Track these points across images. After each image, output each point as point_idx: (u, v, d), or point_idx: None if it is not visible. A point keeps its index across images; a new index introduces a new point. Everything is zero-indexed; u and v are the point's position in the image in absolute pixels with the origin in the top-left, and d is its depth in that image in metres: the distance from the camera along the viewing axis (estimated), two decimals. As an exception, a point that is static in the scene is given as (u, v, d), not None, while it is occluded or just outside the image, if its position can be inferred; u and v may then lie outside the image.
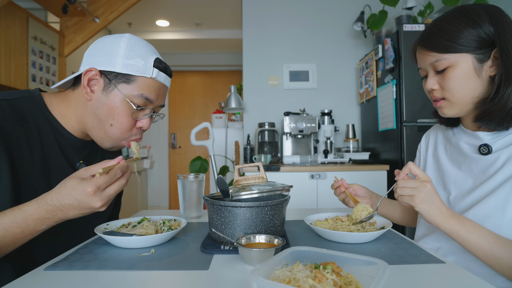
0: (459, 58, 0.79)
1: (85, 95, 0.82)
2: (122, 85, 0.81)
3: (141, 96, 0.82)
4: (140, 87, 0.82)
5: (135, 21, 4.50)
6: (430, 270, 0.63)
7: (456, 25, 0.79)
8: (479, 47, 0.77)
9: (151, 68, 0.82)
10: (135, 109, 0.83)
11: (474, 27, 0.77)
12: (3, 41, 2.88)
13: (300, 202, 2.36)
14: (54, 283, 0.58)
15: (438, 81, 0.84)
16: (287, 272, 0.48)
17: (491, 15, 0.77)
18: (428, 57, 0.83)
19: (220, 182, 0.81)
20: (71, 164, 0.88)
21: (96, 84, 0.81)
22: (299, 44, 3.13)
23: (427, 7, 2.51)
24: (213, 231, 0.77)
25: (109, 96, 0.81)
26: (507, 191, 0.77)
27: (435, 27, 0.83)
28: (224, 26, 4.72)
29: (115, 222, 0.88)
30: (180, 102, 5.71)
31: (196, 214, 1.10)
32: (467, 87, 0.80)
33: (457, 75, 0.80)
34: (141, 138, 0.90)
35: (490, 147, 0.83)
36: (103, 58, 0.81)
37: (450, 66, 0.80)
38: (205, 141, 1.59)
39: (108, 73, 0.81)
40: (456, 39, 0.78)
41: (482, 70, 0.79)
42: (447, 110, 0.85)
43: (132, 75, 0.81)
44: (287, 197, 0.82)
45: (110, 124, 0.83)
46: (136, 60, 0.81)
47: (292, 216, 1.11)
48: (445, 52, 0.80)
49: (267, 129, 2.78)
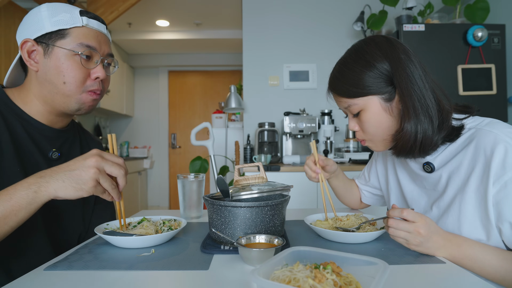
0: (366, 101, 0.80)
1: (32, 68, 0.83)
2: (60, 42, 0.82)
3: (81, 44, 0.83)
4: (76, 37, 0.83)
5: (135, 21, 4.50)
6: (430, 270, 0.63)
7: (354, 69, 0.80)
8: (382, 87, 0.78)
9: (79, 18, 0.83)
10: (82, 58, 0.83)
11: (370, 69, 0.78)
12: (3, 41, 2.88)
13: (300, 202, 2.36)
14: (54, 283, 0.58)
15: (357, 123, 0.86)
16: (287, 272, 0.48)
17: (383, 51, 0.78)
18: (341, 102, 0.86)
19: (220, 182, 0.81)
20: (43, 153, 0.87)
21: (36, 54, 0.83)
22: (299, 44, 3.13)
23: (427, 7, 2.52)
24: (213, 231, 0.77)
25: (52, 57, 0.82)
26: (457, 213, 0.77)
27: (338, 73, 0.84)
28: (224, 26, 4.72)
29: (115, 222, 0.88)
30: (180, 102, 5.71)
31: (196, 214, 1.10)
32: (382, 126, 0.82)
33: (370, 118, 0.81)
34: (100, 90, 0.89)
35: (432, 165, 0.83)
36: (31, 27, 0.82)
37: (362, 110, 0.82)
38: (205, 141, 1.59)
39: (42, 37, 0.82)
40: (357, 85, 0.79)
41: (392, 107, 0.80)
42: (373, 148, 0.88)
43: (63, 29, 0.82)
44: (287, 197, 0.82)
45: (63, 82, 0.83)
46: (62, 15, 0.82)
47: (292, 216, 1.11)
48: (352, 97, 0.81)
49: (267, 129, 2.78)
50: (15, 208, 0.64)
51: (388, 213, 0.72)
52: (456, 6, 2.38)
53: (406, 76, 0.76)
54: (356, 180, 1.22)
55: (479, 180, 0.74)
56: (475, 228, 0.74)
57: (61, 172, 0.68)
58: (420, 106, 0.76)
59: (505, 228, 0.70)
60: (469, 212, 0.75)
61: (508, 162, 0.69)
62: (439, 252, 0.69)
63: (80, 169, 0.67)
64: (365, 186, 1.17)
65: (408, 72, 0.76)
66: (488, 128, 0.75)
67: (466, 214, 0.76)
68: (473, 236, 0.74)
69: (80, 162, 0.68)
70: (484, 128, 0.75)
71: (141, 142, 5.57)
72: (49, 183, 0.66)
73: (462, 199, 0.76)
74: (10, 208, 0.64)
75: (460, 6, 2.39)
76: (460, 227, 0.76)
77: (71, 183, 0.67)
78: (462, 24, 2.24)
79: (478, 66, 2.23)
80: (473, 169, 0.75)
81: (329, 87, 0.88)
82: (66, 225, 0.92)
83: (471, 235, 0.74)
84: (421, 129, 0.76)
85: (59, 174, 0.67)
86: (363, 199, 1.19)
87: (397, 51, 0.78)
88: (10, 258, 0.79)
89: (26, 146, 0.84)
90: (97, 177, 0.68)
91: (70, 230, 0.94)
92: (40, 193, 0.66)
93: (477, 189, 0.74)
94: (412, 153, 0.79)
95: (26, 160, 0.83)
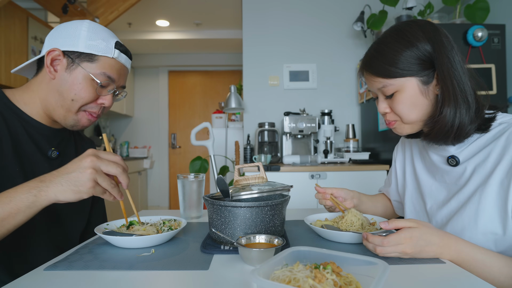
0: (404, 82, 0.79)
1: (49, 74, 0.84)
2: (85, 64, 0.84)
3: (104, 74, 0.85)
4: (102, 65, 0.85)
5: (135, 21, 4.50)
6: (430, 270, 0.63)
7: (395, 48, 0.78)
8: (421, 69, 0.77)
9: (112, 49, 0.86)
10: (98, 84, 0.85)
11: (412, 48, 0.77)
12: (3, 41, 2.88)
13: (300, 202, 2.36)
14: (54, 283, 0.58)
15: (389, 104, 0.84)
16: (287, 272, 0.48)
17: (426, 33, 0.77)
18: (375, 82, 0.83)
19: (220, 182, 0.81)
20: (42, 152, 0.89)
21: (59, 64, 0.84)
22: (299, 44, 3.13)
23: (427, 7, 2.51)
24: (213, 231, 0.77)
25: (72, 74, 0.84)
26: (476, 204, 0.77)
27: (376, 51, 0.82)
28: (224, 26, 4.72)
29: (115, 222, 0.88)
30: (180, 102, 5.71)
31: (196, 214, 1.10)
32: (416, 109, 0.80)
33: (405, 99, 0.80)
34: (99, 115, 0.92)
35: (457, 159, 0.83)
36: (66, 40, 0.84)
37: (397, 91, 0.80)
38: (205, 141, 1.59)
39: (71, 53, 0.84)
40: (397, 64, 0.78)
41: (428, 91, 0.79)
42: (400, 130, 0.86)
43: (94, 54, 0.84)
44: (287, 197, 0.82)
45: (71, 99, 0.85)
46: (98, 42, 0.85)
47: (292, 216, 1.11)
48: (389, 77, 0.79)
49: (267, 129, 2.78)
50: (14, 211, 0.64)
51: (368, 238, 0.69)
52: (456, 6, 2.38)
53: (448, 60, 0.75)
54: (383, 190, 1.20)
55: (504, 173, 0.74)
56: (492, 221, 0.74)
57: (60, 175, 0.67)
58: (460, 91, 0.75)
59: None
60: (489, 204, 0.75)
61: None
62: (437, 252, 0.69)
63: (77, 171, 0.67)
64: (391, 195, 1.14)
65: (450, 56, 0.76)
66: None
67: (486, 206, 0.75)
68: (489, 230, 0.74)
69: (77, 164, 0.68)
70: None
71: (141, 142, 5.57)
72: (49, 188, 0.66)
73: (484, 191, 0.76)
74: (8, 211, 0.64)
75: (460, 6, 2.39)
76: (476, 219, 0.76)
77: (69, 186, 0.66)
78: (462, 24, 2.24)
79: (478, 66, 2.22)
80: (500, 161, 0.75)
81: (363, 66, 0.85)
82: (67, 223, 0.93)
83: (487, 228, 0.74)
84: (459, 115, 0.75)
85: (57, 178, 0.67)
86: (396, 211, 1.15)
87: (440, 34, 0.77)
88: (12, 257, 0.79)
89: (25, 145, 0.85)
90: (94, 177, 0.68)
91: (71, 228, 0.95)
92: (40, 197, 0.66)
93: (501, 182, 0.74)
94: (446, 139, 0.78)
95: (25, 159, 0.84)
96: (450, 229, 0.81)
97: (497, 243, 0.74)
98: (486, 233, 0.74)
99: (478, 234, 0.75)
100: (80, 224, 0.99)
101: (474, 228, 0.76)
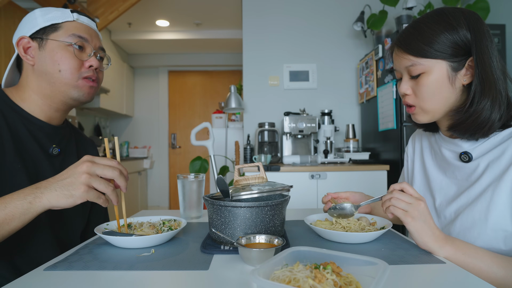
0: (434, 64, 0.78)
1: (28, 62, 0.87)
2: (53, 35, 0.87)
3: (73, 35, 0.88)
4: (68, 29, 0.88)
5: (135, 21, 4.50)
6: (430, 270, 0.63)
7: (434, 28, 0.77)
8: (455, 54, 0.77)
9: (70, 14, 0.89)
10: (75, 48, 0.88)
11: (451, 32, 0.76)
12: (3, 41, 2.88)
13: (300, 202, 2.36)
14: (54, 283, 0.58)
15: (412, 86, 0.83)
16: (287, 272, 0.48)
17: (469, 22, 0.76)
18: (404, 60, 0.82)
19: (220, 182, 0.81)
20: (44, 149, 0.89)
21: (31, 49, 0.87)
22: (299, 44, 3.13)
23: (427, 7, 2.52)
24: (213, 231, 0.77)
25: (47, 49, 0.86)
26: (488, 200, 0.77)
27: (413, 29, 0.81)
28: (224, 26, 4.72)
29: (115, 222, 0.88)
30: (180, 102, 5.71)
31: (196, 214, 1.10)
32: (440, 95, 0.79)
33: (431, 82, 0.79)
34: (95, 77, 0.93)
35: (470, 155, 0.82)
36: (25, 26, 0.88)
37: (425, 73, 0.79)
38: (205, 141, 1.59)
39: (36, 33, 0.87)
40: (432, 44, 0.77)
41: (455, 78, 0.78)
42: (419, 116, 0.85)
43: (56, 23, 0.87)
44: (287, 197, 0.82)
45: (58, 70, 0.87)
46: (53, 13, 0.88)
47: (292, 216, 1.11)
48: (420, 56, 0.78)
49: (267, 129, 2.78)
50: (8, 217, 0.65)
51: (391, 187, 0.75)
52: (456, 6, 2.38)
53: (488, 50, 0.75)
54: None
55: None
56: (503, 217, 0.74)
57: (55, 182, 0.68)
58: (495, 84, 0.75)
59: None
60: (501, 200, 0.75)
61: None
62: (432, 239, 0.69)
63: (72, 177, 0.68)
64: None
65: (489, 48, 0.75)
66: None
67: (498, 202, 0.75)
68: (499, 226, 0.74)
69: (72, 170, 0.69)
70: None
71: (141, 142, 5.57)
72: (43, 194, 0.67)
73: (497, 187, 0.76)
74: (3, 217, 0.64)
75: (460, 6, 2.39)
76: (487, 215, 0.76)
77: (62, 191, 0.67)
78: (462, 24, 2.24)
79: (478, 66, 2.22)
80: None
81: (396, 41, 0.84)
82: (71, 221, 0.94)
83: (498, 224, 0.74)
84: (496, 108, 0.75)
85: (52, 184, 0.68)
86: None
87: (483, 25, 0.77)
88: (15, 254, 0.79)
89: (27, 143, 0.85)
90: (88, 182, 0.68)
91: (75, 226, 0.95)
92: (34, 204, 0.66)
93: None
94: (475, 132, 0.78)
95: (27, 157, 0.84)
96: (459, 224, 0.81)
97: (507, 240, 0.74)
98: (497, 230, 0.74)
99: (488, 230, 0.75)
100: (82, 223, 0.99)
101: (484, 223, 0.76)
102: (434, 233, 0.70)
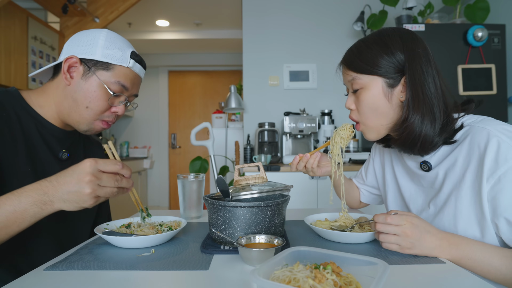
0: (371, 80, 0.81)
1: (65, 80, 0.85)
2: (101, 72, 0.85)
3: (118, 83, 0.87)
4: (117, 74, 0.87)
5: (135, 21, 4.50)
6: (430, 270, 0.63)
7: (371, 48, 0.81)
8: (390, 72, 0.79)
9: (128, 59, 0.88)
10: (111, 95, 0.87)
11: (387, 52, 0.79)
12: (3, 41, 2.88)
13: (300, 202, 2.36)
14: (54, 283, 0.58)
15: (354, 101, 0.87)
16: (287, 272, 0.48)
17: (404, 43, 0.79)
18: (346, 75, 0.86)
19: (220, 182, 0.81)
20: (54, 153, 0.90)
21: (75, 71, 0.85)
22: (299, 44, 3.13)
23: (427, 7, 2.52)
24: (213, 231, 0.77)
25: (88, 82, 0.85)
26: (453, 209, 0.77)
27: (356, 48, 0.85)
28: (224, 26, 4.72)
29: (115, 222, 0.88)
30: (180, 102, 5.71)
31: (196, 214, 1.10)
32: (378, 111, 0.82)
33: (369, 97, 0.82)
34: (113, 122, 0.94)
35: (429, 164, 0.83)
36: (83, 48, 0.85)
37: (363, 88, 0.82)
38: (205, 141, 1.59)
39: (88, 61, 0.85)
40: (368, 61, 0.80)
41: (392, 95, 0.80)
42: (367, 134, 0.88)
43: (110, 63, 0.86)
44: (287, 197, 0.82)
45: (85, 107, 0.86)
46: (115, 51, 0.86)
47: (292, 216, 1.11)
48: (359, 72, 0.82)
49: (267, 129, 2.78)
50: (19, 220, 0.66)
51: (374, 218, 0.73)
52: (456, 6, 2.38)
53: (421, 69, 0.77)
54: (354, 180, 1.22)
55: (473, 176, 0.74)
56: (470, 225, 0.75)
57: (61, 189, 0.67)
58: (427, 101, 0.76)
59: (501, 224, 0.70)
60: (464, 209, 0.76)
61: (501, 157, 0.69)
62: (436, 252, 0.69)
63: (77, 192, 0.66)
64: (364, 185, 1.17)
65: (423, 67, 0.78)
66: (481, 125, 0.76)
67: (462, 211, 0.76)
68: (468, 233, 0.74)
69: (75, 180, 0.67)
70: (478, 125, 0.76)
71: (141, 142, 5.57)
72: (53, 203, 0.67)
73: (458, 196, 0.77)
74: (13, 219, 0.65)
75: (460, 6, 2.39)
76: (456, 224, 0.77)
77: (72, 204, 0.68)
78: (462, 24, 2.24)
79: (478, 66, 2.23)
80: (468, 165, 0.75)
81: (342, 59, 0.89)
82: (75, 224, 0.94)
83: (467, 232, 0.75)
84: (425, 125, 0.76)
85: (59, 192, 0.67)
86: (362, 198, 1.19)
87: (418, 46, 0.79)
88: (18, 257, 0.79)
89: (38, 146, 0.86)
90: (95, 195, 0.68)
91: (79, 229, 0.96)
92: (45, 209, 0.67)
93: (472, 185, 0.75)
94: (412, 148, 0.80)
95: (37, 160, 0.85)
96: None
97: None
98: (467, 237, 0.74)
99: None
100: (88, 225, 1.00)
101: (454, 232, 0.77)
102: (435, 247, 0.69)
